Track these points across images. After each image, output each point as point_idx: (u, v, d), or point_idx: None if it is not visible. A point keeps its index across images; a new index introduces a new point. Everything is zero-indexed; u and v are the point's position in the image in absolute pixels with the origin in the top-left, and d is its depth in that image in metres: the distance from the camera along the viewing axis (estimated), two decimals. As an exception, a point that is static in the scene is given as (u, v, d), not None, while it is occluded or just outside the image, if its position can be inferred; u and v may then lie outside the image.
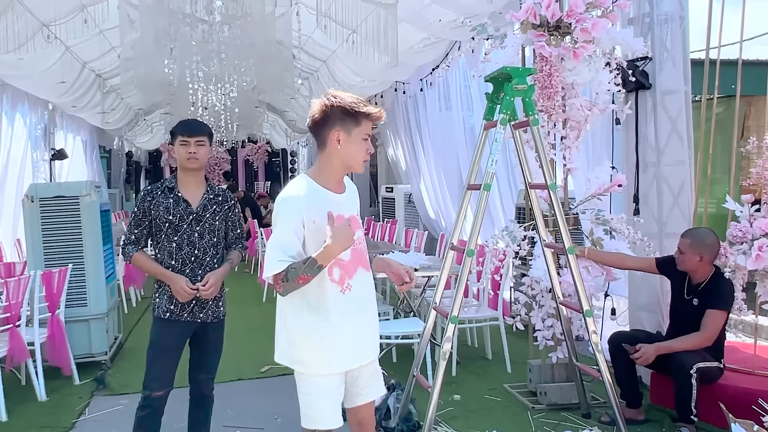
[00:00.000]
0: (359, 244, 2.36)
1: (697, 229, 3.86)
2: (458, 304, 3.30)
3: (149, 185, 3.24)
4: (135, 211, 3.11)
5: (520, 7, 4.12)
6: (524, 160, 3.73)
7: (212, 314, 3.15)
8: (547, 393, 4.05)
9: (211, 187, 3.17)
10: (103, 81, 10.64)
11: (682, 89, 4.43)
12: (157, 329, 3.11)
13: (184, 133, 3.07)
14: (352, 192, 2.46)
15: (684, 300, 3.74)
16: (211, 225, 3.11)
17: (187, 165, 3.06)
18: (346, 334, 2.31)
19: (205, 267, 3.08)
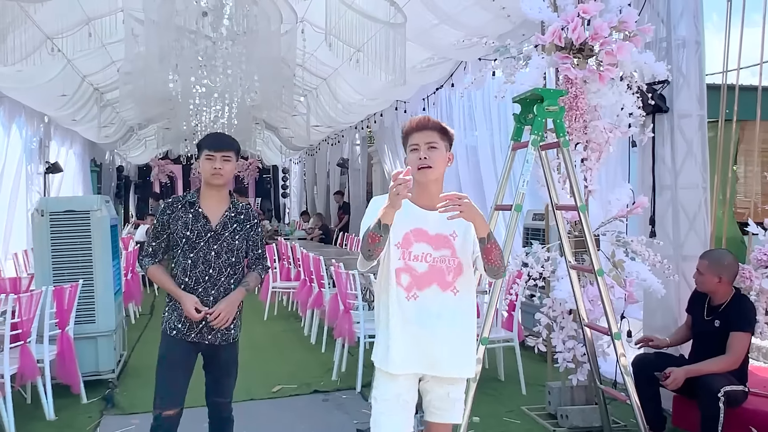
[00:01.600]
0: (441, 262, 2.41)
1: (715, 251, 3.88)
2: (488, 326, 3.28)
3: (170, 197, 3.16)
4: (155, 223, 3.06)
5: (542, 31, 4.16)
6: (551, 182, 3.72)
7: (221, 336, 3.03)
8: (568, 416, 4.02)
9: (234, 204, 3.08)
10: (101, 95, 10.58)
11: (697, 113, 4.48)
12: (164, 346, 3.04)
13: (211, 147, 2.98)
14: None
15: (704, 321, 3.74)
16: (229, 244, 3.01)
17: (212, 181, 2.97)
18: (400, 338, 2.39)
19: (219, 287, 2.99)
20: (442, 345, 2.40)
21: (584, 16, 3.82)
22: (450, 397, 2.47)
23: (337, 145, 13.63)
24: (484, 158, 7.96)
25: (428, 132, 2.41)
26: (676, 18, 4.48)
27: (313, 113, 11.43)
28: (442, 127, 2.45)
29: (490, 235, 2.30)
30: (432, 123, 2.44)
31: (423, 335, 2.38)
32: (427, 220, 2.40)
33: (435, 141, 2.39)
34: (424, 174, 2.38)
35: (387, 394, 2.43)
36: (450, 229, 2.41)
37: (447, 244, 2.41)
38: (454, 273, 2.42)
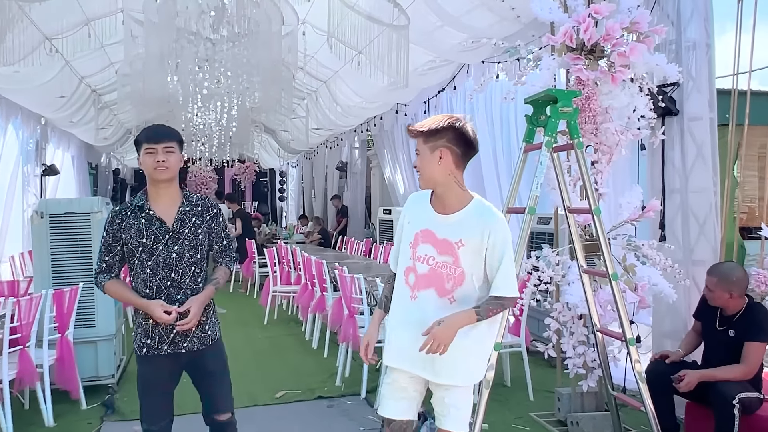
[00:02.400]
0: (442, 268, 2.39)
1: (723, 265, 3.76)
2: (501, 332, 3.21)
3: (117, 206, 2.89)
4: (104, 236, 2.77)
5: (552, 32, 4.11)
6: (563, 184, 3.66)
7: (198, 341, 2.79)
8: (579, 423, 3.96)
9: (187, 197, 2.82)
10: (98, 96, 10.50)
11: (708, 116, 4.43)
12: (138, 368, 2.81)
13: (150, 140, 2.72)
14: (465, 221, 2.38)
15: (717, 331, 3.67)
16: (191, 241, 2.76)
17: (157, 176, 2.71)
18: (400, 334, 2.48)
19: (185, 290, 2.75)
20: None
21: (596, 16, 3.76)
22: (445, 403, 2.46)
23: (335, 148, 13.57)
24: (486, 161, 7.90)
25: (415, 140, 2.44)
26: (686, 20, 4.44)
27: (312, 116, 11.38)
28: (419, 131, 2.40)
29: (480, 318, 2.32)
30: (411, 131, 2.44)
31: (413, 334, 2.38)
32: (436, 223, 2.42)
33: (418, 147, 2.41)
34: (420, 179, 2.45)
35: (388, 378, 2.58)
36: (457, 236, 2.37)
37: (450, 251, 2.37)
38: (454, 282, 2.38)
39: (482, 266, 2.37)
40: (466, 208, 2.38)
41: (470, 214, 2.37)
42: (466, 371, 2.45)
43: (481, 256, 2.35)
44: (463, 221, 2.37)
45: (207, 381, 2.88)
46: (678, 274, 4.06)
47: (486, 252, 2.34)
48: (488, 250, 2.34)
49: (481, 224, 2.35)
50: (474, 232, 2.34)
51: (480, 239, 2.33)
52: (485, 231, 2.34)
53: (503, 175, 7.69)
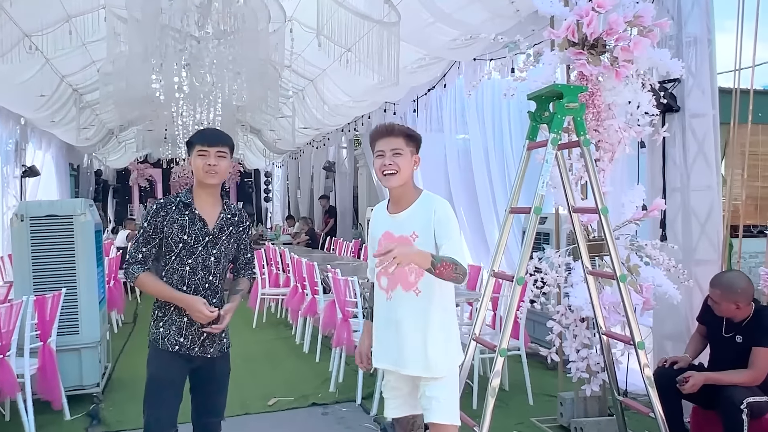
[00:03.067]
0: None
1: (725, 276, 3.61)
2: (507, 337, 3.09)
3: (161, 198, 2.89)
4: (144, 227, 2.74)
5: (552, 26, 4.00)
6: (567, 183, 3.54)
7: (218, 348, 2.86)
8: (583, 429, 3.85)
9: (227, 205, 2.87)
10: (80, 96, 10.25)
11: (710, 113, 4.34)
12: (157, 363, 2.78)
13: (204, 142, 2.73)
14: (412, 213, 2.54)
15: (724, 338, 3.57)
16: (226, 248, 2.81)
17: (206, 179, 2.72)
18: (381, 334, 2.64)
19: (220, 295, 2.83)
20: (405, 344, 2.52)
21: (599, 10, 3.65)
22: (426, 396, 2.52)
23: (322, 148, 13.40)
24: (477, 160, 7.79)
25: (393, 138, 2.50)
26: (686, 14, 4.34)
27: (299, 116, 11.21)
28: (407, 132, 2.53)
29: (434, 263, 2.32)
30: (397, 129, 2.52)
31: (392, 333, 2.55)
32: (392, 223, 2.57)
33: (400, 147, 2.49)
34: (387, 180, 2.50)
35: (383, 380, 2.75)
36: (410, 230, 2.50)
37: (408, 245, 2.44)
38: (416, 274, 2.50)
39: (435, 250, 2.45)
40: (416, 202, 2.54)
41: (419, 205, 2.53)
42: (437, 363, 2.52)
43: (433, 242, 2.46)
44: (413, 214, 2.52)
45: (210, 387, 2.88)
46: (682, 274, 3.97)
47: (435, 234, 2.47)
48: (436, 231, 2.47)
49: (426, 210, 2.51)
50: (423, 221, 2.49)
51: (428, 224, 2.48)
52: (430, 214, 2.49)
53: (495, 175, 7.58)
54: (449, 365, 2.58)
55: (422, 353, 2.50)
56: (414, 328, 2.51)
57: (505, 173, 7.47)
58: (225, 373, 2.93)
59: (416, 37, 6.72)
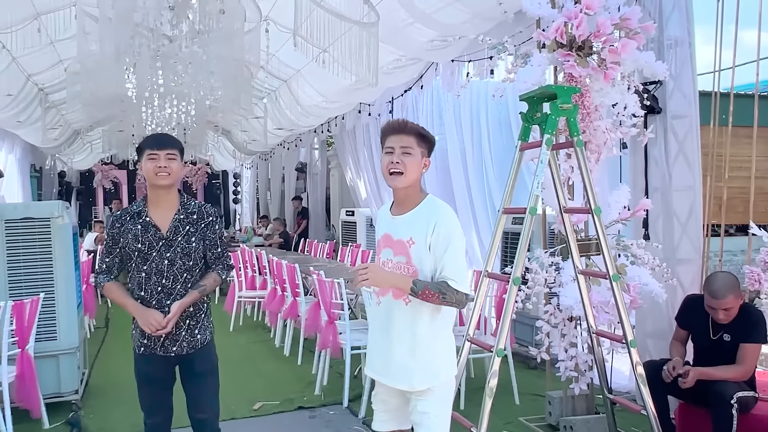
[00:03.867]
0: (398, 269, 2.39)
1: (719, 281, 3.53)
2: (504, 337, 3.10)
3: (118, 211, 3.01)
4: (106, 239, 2.92)
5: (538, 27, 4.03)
6: (559, 183, 3.57)
7: (187, 344, 2.88)
8: (573, 427, 3.87)
9: (184, 204, 2.88)
10: (46, 96, 10.00)
11: (690, 114, 4.42)
12: (135, 363, 2.96)
13: (153, 146, 2.80)
14: (414, 218, 2.38)
15: (712, 340, 3.60)
16: (184, 249, 2.83)
17: (158, 181, 2.77)
18: (374, 337, 2.54)
19: (175, 296, 2.83)
20: (394, 355, 2.40)
21: (588, 12, 3.69)
22: (418, 410, 2.40)
23: (293, 149, 13.30)
24: (454, 161, 7.82)
25: (404, 136, 2.35)
26: (667, 17, 4.42)
27: (271, 116, 11.11)
28: (420, 132, 2.38)
29: (414, 289, 2.26)
30: (410, 127, 2.37)
31: (382, 342, 2.45)
32: (392, 225, 2.43)
33: (410, 146, 2.33)
34: (393, 179, 2.35)
35: (374, 390, 2.61)
36: (408, 235, 2.36)
37: (404, 250, 2.37)
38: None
39: (432, 262, 2.33)
40: (418, 206, 2.39)
41: (420, 211, 2.38)
42: (424, 375, 2.38)
43: (428, 252, 2.33)
44: (414, 219, 2.37)
45: (193, 382, 2.95)
46: (666, 273, 4.03)
47: (430, 245, 2.31)
48: (432, 243, 2.31)
49: (427, 218, 2.34)
50: (421, 228, 2.34)
51: (425, 233, 2.32)
52: (430, 223, 2.32)
53: (472, 176, 7.61)
54: (438, 379, 2.40)
55: (407, 366, 2.38)
56: (401, 339, 2.38)
57: (483, 174, 7.52)
58: (205, 369, 2.95)
59: (394, 38, 6.71)
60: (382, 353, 2.45)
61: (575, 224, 3.81)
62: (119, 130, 11.36)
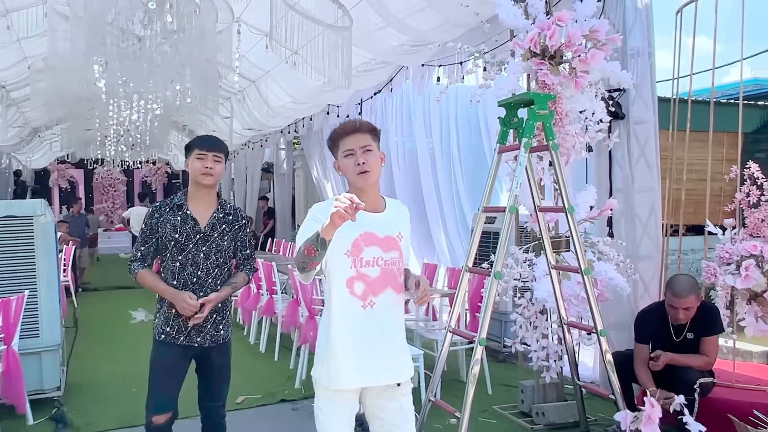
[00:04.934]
0: (392, 264, 2.37)
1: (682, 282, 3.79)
2: (486, 327, 3.30)
3: (158, 201, 3.08)
4: (143, 228, 3.00)
5: (511, 37, 4.26)
6: (534, 184, 3.81)
7: (211, 338, 3.02)
8: (545, 413, 4.12)
9: (222, 205, 3.06)
10: (7, 93, 9.86)
11: (650, 119, 4.72)
12: (154, 351, 3.04)
13: (203, 147, 2.97)
14: (394, 214, 2.45)
15: (676, 342, 3.85)
16: (218, 245, 3.00)
17: (201, 180, 2.94)
18: (357, 351, 2.32)
19: (206, 289, 2.97)
20: (395, 349, 2.39)
21: (560, 24, 3.93)
22: (403, 410, 2.42)
23: (258, 149, 13.35)
24: (423, 163, 8.04)
25: (361, 135, 2.35)
26: (629, 28, 4.71)
27: (238, 116, 11.15)
28: (374, 128, 2.42)
29: None
30: (365, 125, 2.39)
31: (378, 343, 2.34)
32: (373, 223, 2.35)
33: (369, 144, 2.34)
34: (365, 178, 2.32)
35: (336, 405, 2.37)
36: (396, 230, 2.40)
37: (395, 245, 2.39)
38: (401, 275, 2.41)
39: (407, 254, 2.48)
40: (387, 204, 2.45)
41: (394, 210, 2.45)
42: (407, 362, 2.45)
43: (407, 245, 2.47)
44: (394, 216, 2.43)
45: (210, 375, 3.11)
46: (629, 268, 4.31)
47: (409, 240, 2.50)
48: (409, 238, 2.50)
49: (405, 216, 2.49)
50: (404, 224, 2.46)
51: (408, 230, 2.48)
52: (406, 217, 2.50)
53: (441, 178, 7.84)
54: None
55: (397, 359, 2.40)
56: (393, 333, 2.39)
57: (451, 175, 7.75)
58: (224, 363, 3.12)
59: (365, 41, 6.88)
60: (367, 356, 2.32)
61: (548, 222, 4.05)
62: (86, 129, 11.25)
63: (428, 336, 5.27)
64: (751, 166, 4.08)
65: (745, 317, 4.04)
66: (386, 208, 2.43)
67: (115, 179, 20.41)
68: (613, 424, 3.94)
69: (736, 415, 3.36)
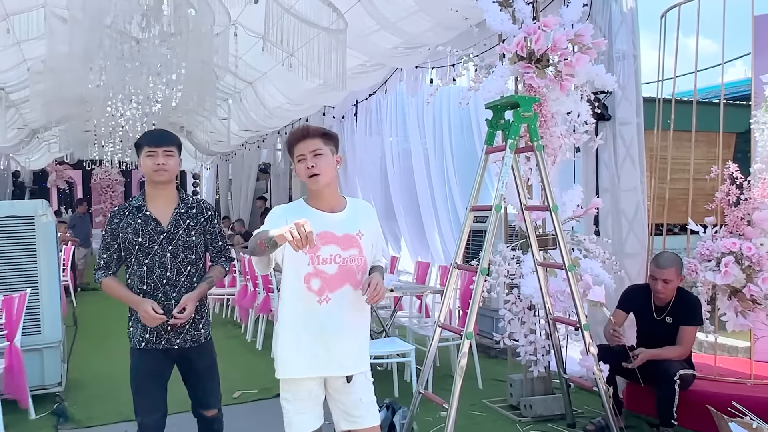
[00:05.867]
0: (350, 262, 2.47)
1: (666, 255, 4.06)
2: (473, 321, 3.43)
3: (117, 206, 2.99)
4: (104, 234, 2.90)
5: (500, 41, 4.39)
6: (520, 184, 3.93)
7: (191, 338, 2.93)
8: (532, 406, 4.24)
9: (183, 199, 2.94)
10: (6, 95, 9.96)
11: (635, 120, 4.84)
12: (134, 360, 2.94)
13: (151, 143, 2.84)
14: (354, 213, 2.55)
15: (655, 321, 4.03)
16: (185, 242, 2.89)
17: (156, 177, 2.82)
18: (312, 344, 2.43)
19: (180, 288, 2.87)
20: (351, 343, 2.48)
21: (545, 29, 4.06)
22: (363, 402, 2.52)
23: (255, 150, 13.46)
24: (417, 162, 8.16)
25: (311, 140, 2.44)
26: (615, 31, 4.83)
27: (235, 118, 11.27)
28: (324, 132, 2.50)
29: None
30: (312, 130, 2.48)
31: (330, 337, 2.43)
32: (331, 222, 2.45)
33: (319, 148, 2.43)
34: (315, 181, 2.42)
35: (300, 394, 2.50)
36: (356, 228, 2.50)
37: (354, 243, 2.48)
38: (362, 271, 2.50)
39: (371, 251, 2.57)
40: (348, 203, 2.55)
41: (355, 209, 2.56)
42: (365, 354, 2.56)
43: (371, 243, 2.55)
44: (354, 215, 2.52)
45: (195, 377, 3.01)
46: (615, 265, 4.44)
47: (374, 237, 2.57)
48: (375, 236, 2.59)
49: (368, 214, 2.60)
50: (366, 222, 2.54)
51: (372, 227, 2.56)
52: (373, 220, 2.60)
53: (435, 178, 7.96)
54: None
55: (365, 349, 2.54)
56: (352, 326, 2.49)
57: (444, 175, 7.87)
58: (207, 364, 3.02)
59: (360, 44, 7.00)
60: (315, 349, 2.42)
61: (534, 221, 4.17)
62: (85, 130, 11.36)
63: (421, 332, 5.40)
64: (730, 165, 4.21)
65: (726, 312, 4.17)
66: (346, 207, 2.53)
67: (113, 180, 20.50)
68: (597, 416, 4.08)
69: (716, 407, 3.49)
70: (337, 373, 2.47)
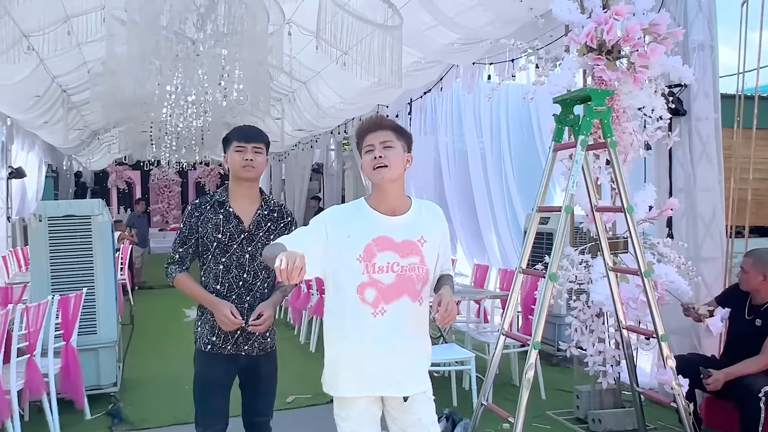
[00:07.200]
0: (410, 270, 2.25)
1: (761, 249, 3.94)
2: (540, 330, 3.21)
3: (197, 198, 2.90)
4: (180, 228, 2.80)
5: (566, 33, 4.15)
6: (590, 183, 3.69)
7: (259, 346, 2.82)
8: (602, 420, 3.99)
9: (266, 201, 2.85)
10: (68, 97, 10.17)
11: (712, 116, 4.54)
12: (199, 363, 2.84)
13: (241, 138, 2.75)
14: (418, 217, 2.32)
15: (745, 321, 3.79)
16: (265, 245, 2.72)
17: (242, 174, 2.73)
18: (369, 359, 2.24)
19: (255, 293, 2.78)
20: (408, 360, 2.28)
21: (617, 17, 3.81)
22: (423, 423, 2.33)
23: (308, 150, 13.45)
24: (474, 163, 7.94)
25: (382, 131, 2.26)
26: (691, 21, 4.53)
27: (288, 118, 11.26)
28: (397, 126, 2.34)
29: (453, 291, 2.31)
30: (386, 122, 2.32)
31: (384, 353, 2.23)
32: (390, 227, 2.25)
33: (390, 140, 2.24)
34: (380, 174, 2.21)
35: (352, 412, 2.32)
36: (418, 233, 2.27)
37: (415, 250, 2.26)
38: (423, 282, 2.28)
39: (436, 259, 2.34)
40: (413, 206, 2.32)
41: (420, 212, 2.33)
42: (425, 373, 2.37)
43: (437, 251, 2.33)
44: (418, 219, 2.30)
45: (256, 385, 2.90)
46: (691, 271, 4.14)
47: (440, 245, 2.34)
48: (442, 242, 2.36)
49: (434, 219, 2.36)
50: (431, 228, 2.32)
51: (437, 233, 2.33)
52: (440, 224, 2.37)
53: (492, 178, 7.73)
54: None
55: (423, 367, 2.34)
56: (412, 341, 2.29)
57: (502, 175, 7.64)
58: (270, 373, 2.94)
59: (415, 41, 6.84)
60: (368, 366, 2.24)
61: (605, 223, 3.92)
62: (142, 131, 11.54)
63: (480, 338, 5.19)
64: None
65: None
66: (410, 209, 2.31)
67: (170, 180, 20.88)
68: (673, 432, 3.81)
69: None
70: (393, 393, 2.28)
